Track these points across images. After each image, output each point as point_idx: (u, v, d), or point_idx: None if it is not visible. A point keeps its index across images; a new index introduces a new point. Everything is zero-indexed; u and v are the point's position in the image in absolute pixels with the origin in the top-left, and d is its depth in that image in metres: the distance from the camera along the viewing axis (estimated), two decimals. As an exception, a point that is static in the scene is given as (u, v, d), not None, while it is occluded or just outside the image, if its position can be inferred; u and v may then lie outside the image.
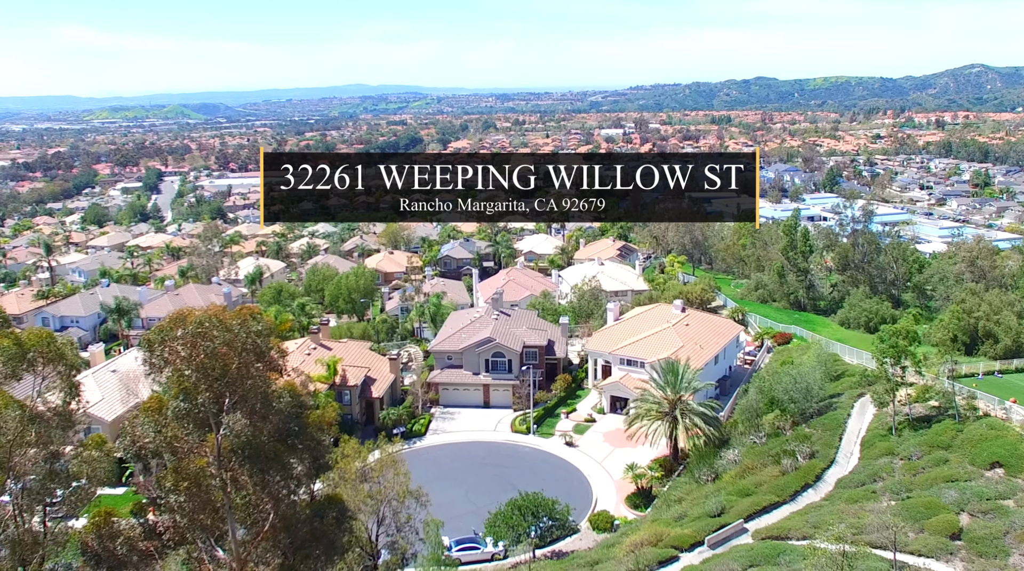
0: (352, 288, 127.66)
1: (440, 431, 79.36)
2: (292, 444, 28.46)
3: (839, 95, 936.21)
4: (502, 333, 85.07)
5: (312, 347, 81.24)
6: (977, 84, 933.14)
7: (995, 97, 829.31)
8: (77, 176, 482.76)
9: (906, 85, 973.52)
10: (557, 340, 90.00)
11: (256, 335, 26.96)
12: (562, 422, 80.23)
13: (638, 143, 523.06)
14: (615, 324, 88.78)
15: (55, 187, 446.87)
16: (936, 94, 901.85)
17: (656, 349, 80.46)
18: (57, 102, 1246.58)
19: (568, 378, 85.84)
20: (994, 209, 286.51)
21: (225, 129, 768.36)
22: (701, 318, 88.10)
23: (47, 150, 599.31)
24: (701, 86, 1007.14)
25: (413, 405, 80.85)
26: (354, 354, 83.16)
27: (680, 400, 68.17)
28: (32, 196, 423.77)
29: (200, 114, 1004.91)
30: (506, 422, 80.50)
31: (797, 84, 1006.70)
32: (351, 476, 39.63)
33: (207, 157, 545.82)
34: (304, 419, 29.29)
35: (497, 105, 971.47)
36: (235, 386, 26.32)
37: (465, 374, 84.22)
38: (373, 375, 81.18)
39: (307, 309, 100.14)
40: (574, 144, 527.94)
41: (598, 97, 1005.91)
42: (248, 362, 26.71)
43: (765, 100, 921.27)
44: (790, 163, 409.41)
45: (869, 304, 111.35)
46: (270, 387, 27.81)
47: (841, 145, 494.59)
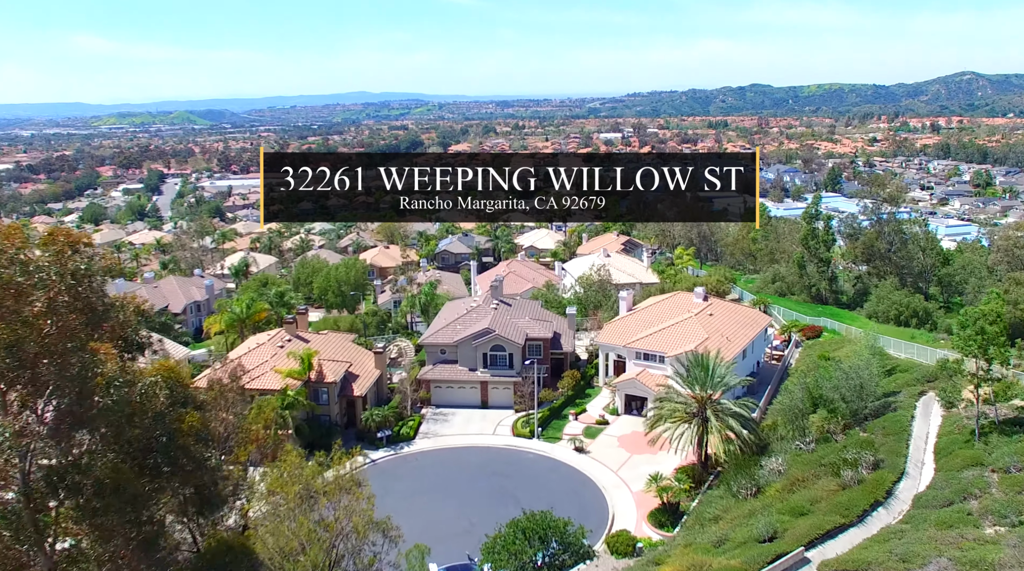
0: (342, 280, 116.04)
1: (431, 434, 67.55)
2: (154, 465, 16.91)
3: (833, 102, 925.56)
4: (502, 324, 73.30)
5: (286, 338, 69.39)
6: (968, 91, 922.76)
7: (986, 103, 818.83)
8: (80, 178, 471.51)
9: (898, 92, 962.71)
10: (564, 333, 78.20)
11: (79, 277, 15.42)
12: (571, 424, 68.43)
13: (637, 146, 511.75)
14: (628, 315, 77.01)
15: (57, 188, 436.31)
16: (928, 101, 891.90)
17: (677, 341, 68.72)
18: (67, 109, 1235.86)
19: (576, 375, 73.99)
20: (998, 208, 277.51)
21: (230, 134, 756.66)
22: (726, 308, 76.32)
23: (52, 154, 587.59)
24: (697, 93, 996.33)
25: (401, 405, 69.07)
26: (334, 347, 71.37)
27: (710, 399, 56.41)
28: (34, 197, 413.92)
29: (206, 120, 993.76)
30: (507, 424, 68.68)
31: (791, 91, 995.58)
32: (291, 503, 27.77)
33: (209, 160, 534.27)
34: (178, 424, 17.59)
35: (497, 111, 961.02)
36: (40, 367, 14.77)
37: (460, 370, 72.46)
38: (355, 371, 69.35)
39: (286, 298, 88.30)
40: (573, 147, 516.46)
41: (596, 103, 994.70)
42: (69, 325, 15.17)
43: (760, 107, 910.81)
44: (789, 164, 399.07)
45: (898, 296, 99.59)
46: (100, 367, 16.12)
47: (838, 148, 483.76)
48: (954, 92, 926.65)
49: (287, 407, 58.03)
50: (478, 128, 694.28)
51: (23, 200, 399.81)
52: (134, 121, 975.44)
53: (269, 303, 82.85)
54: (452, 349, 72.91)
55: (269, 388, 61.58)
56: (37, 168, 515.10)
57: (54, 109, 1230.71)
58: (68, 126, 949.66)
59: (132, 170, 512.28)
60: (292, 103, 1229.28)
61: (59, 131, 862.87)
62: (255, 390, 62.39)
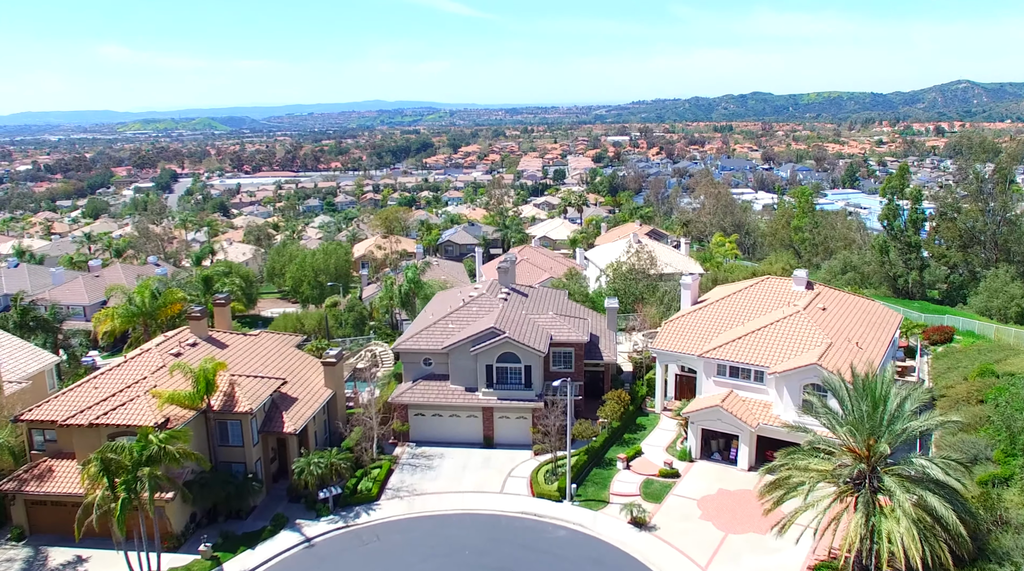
0: (319, 269, 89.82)
1: (406, 491, 41.15)
2: None
3: (832, 109, 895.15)
4: (515, 322, 46.86)
5: (188, 342, 43.02)
6: (964, 99, 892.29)
7: (983, 110, 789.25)
8: (93, 177, 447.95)
9: (895, 100, 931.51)
10: (603, 335, 51.66)
11: None
12: (621, 476, 41.95)
13: (645, 147, 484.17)
14: (695, 309, 50.38)
15: (69, 186, 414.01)
16: (925, 108, 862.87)
17: (784, 349, 42.20)
18: (96, 116, 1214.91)
19: (625, 397, 47.32)
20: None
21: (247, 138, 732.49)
22: (840, 299, 49.52)
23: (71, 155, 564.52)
24: (700, 100, 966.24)
25: (362, 444, 42.73)
26: (264, 357, 45.00)
27: (879, 455, 29.91)
28: (46, 195, 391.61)
29: (226, 126, 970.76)
30: (522, 476, 42.33)
31: (791, 99, 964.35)
32: None
33: (223, 160, 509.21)
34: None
35: (507, 118, 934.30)
36: None
37: (453, 390, 46.04)
38: (293, 391, 42.95)
39: (215, 287, 61.88)
40: (582, 149, 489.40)
41: (602, 111, 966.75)
42: None
43: (761, 113, 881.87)
44: (801, 164, 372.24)
45: (1016, 288, 73.06)
46: None
47: (847, 149, 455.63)
48: (950, 100, 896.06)
49: (150, 460, 31.78)
50: (488, 132, 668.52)
51: (33, 197, 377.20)
52: (158, 127, 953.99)
53: (191, 291, 56.45)
54: (441, 359, 46.57)
55: (136, 424, 35.41)
56: (54, 168, 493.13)
57: (83, 116, 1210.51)
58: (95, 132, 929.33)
59: (147, 170, 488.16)
60: (310, 110, 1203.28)
61: (85, 136, 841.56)
62: (116, 427, 36.36)
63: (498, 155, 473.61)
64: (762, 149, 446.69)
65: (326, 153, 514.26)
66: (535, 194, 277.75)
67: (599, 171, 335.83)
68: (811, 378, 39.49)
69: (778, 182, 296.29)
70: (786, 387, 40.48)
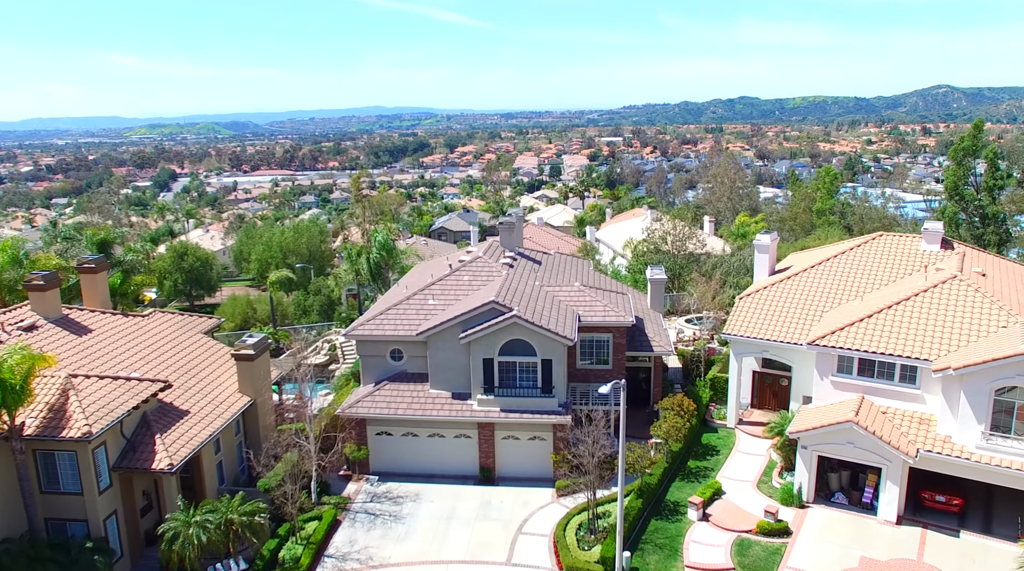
0: (289, 249, 73.32)
1: (357, 561, 24.54)
2: None
3: (817, 112, 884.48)
4: (526, 295, 30.31)
5: (22, 325, 26.35)
6: (944, 103, 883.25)
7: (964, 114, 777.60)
8: (92, 176, 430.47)
9: (878, 104, 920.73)
10: (647, 318, 35.13)
11: None
12: (696, 533, 25.37)
13: (639, 146, 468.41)
14: (778, 280, 33.90)
15: (67, 185, 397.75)
16: (907, 111, 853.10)
17: (943, 331, 25.80)
18: (104, 122, 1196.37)
19: (690, 405, 30.60)
20: None
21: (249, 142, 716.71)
22: (990, 262, 33.19)
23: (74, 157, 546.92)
24: (689, 105, 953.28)
25: (292, 479, 25.99)
26: (144, 349, 28.37)
27: None
28: (43, 193, 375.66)
29: (230, 130, 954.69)
30: (541, 531, 25.69)
31: (778, 103, 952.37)
32: None
33: (223, 161, 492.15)
34: None
35: (502, 122, 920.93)
36: None
37: (433, 397, 29.47)
38: (184, 402, 26.33)
39: (119, 256, 45.15)
40: (576, 148, 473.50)
41: (595, 115, 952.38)
42: None
43: (748, 117, 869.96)
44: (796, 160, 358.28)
45: None
46: None
47: (838, 147, 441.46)
48: (931, 104, 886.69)
49: None
50: (484, 134, 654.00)
51: (30, 195, 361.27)
52: (163, 131, 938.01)
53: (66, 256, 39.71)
54: (416, 350, 29.99)
55: None
56: (55, 168, 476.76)
57: (91, 122, 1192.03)
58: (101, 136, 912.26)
59: (147, 170, 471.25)
60: (311, 116, 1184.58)
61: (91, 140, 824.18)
62: None
63: (494, 155, 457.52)
64: (755, 148, 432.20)
65: (324, 153, 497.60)
66: (531, 190, 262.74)
67: (595, 168, 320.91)
68: (1012, 378, 23.16)
69: (776, 177, 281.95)
70: (964, 392, 24.10)
